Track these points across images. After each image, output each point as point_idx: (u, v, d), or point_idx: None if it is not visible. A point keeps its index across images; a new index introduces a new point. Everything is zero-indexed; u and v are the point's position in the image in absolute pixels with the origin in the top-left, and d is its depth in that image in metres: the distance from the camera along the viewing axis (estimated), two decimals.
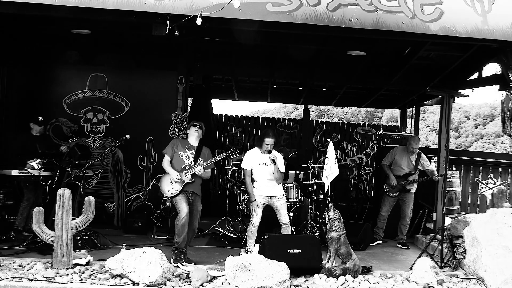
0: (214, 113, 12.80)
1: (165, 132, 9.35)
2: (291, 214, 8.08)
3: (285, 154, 9.22)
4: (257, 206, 7.04)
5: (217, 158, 6.98)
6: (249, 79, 11.98)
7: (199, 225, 7.13)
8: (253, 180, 7.19)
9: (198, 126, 6.94)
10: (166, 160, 6.83)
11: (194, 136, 6.93)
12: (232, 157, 7.12)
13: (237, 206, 8.76)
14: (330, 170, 7.54)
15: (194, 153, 6.88)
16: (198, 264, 6.42)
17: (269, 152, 6.98)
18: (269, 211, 7.27)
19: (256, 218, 7.03)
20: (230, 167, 9.65)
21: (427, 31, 6.08)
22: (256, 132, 13.02)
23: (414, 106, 12.92)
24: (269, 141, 7.00)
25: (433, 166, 8.90)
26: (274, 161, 6.98)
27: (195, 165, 6.74)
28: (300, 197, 8.41)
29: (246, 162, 7.19)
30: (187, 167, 6.74)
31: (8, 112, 9.20)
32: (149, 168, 9.52)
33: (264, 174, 7.12)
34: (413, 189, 8.78)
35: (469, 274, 6.35)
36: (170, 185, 6.72)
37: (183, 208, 6.59)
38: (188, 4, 5.81)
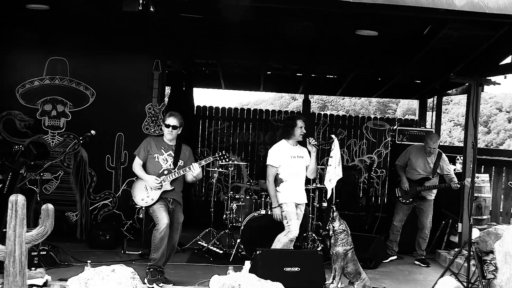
0: (197, 104, 12.80)
1: (138, 127, 9.38)
2: None
3: None
4: (293, 214, 6.83)
5: (203, 163, 6.84)
6: (237, 63, 11.95)
7: (179, 238, 7.11)
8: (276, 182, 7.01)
9: (171, 127, 6.76)
10: (137, 163, 6.77)
11: (170, 135, 6.83)
12: (221, 161, 7.03)
13: (224, 216, 8.76)
14: (334, 173, 7.54)
15: (173, 154, 6.81)
16: (177, 285, 6.45)
17: (303, 138, 6.99)
18: (269, 221, 7.23)
19: (296, 231, 6.77)
20: (216, 169, 9.64)
21: (450, 7, 6.08)
22: (246, 127, 13.01)
23: (436, 96, 12.96)
24: (302, 123, 7.00)
25: (453, 171, 8.90)
26: (315, 145, 6.95)
27: (175, 169, 6.70)
28: None
29: (274, 157, 6.98)
30: (165, 172, 6.68)
31: None
32: (118, 170, 9.51)
33: (296, 170, 7.00)
34: (431, 197, 8.81)
35: None
36: (144, 193, 6.66)
37: (163, 218, 6.49)
38: None
